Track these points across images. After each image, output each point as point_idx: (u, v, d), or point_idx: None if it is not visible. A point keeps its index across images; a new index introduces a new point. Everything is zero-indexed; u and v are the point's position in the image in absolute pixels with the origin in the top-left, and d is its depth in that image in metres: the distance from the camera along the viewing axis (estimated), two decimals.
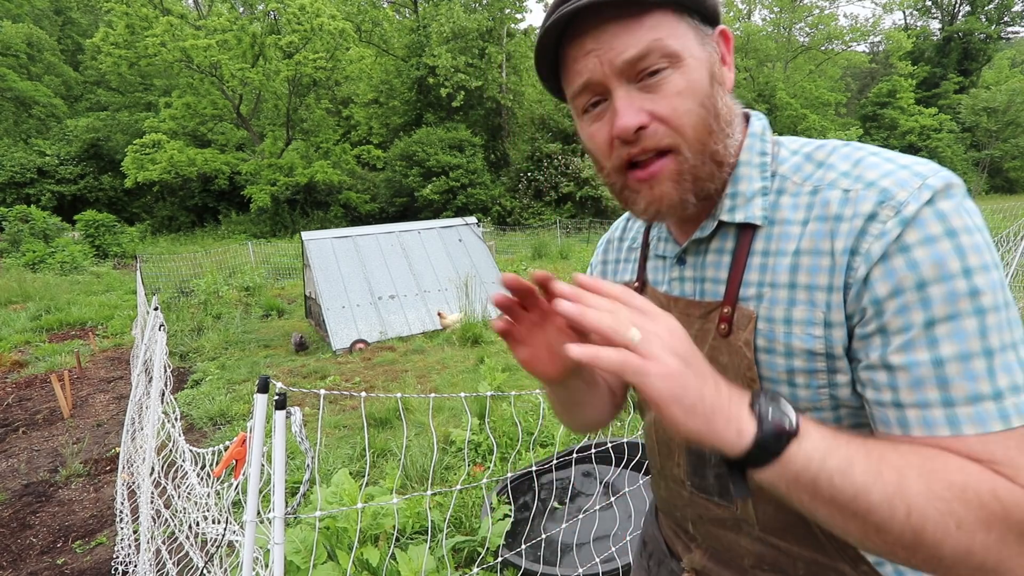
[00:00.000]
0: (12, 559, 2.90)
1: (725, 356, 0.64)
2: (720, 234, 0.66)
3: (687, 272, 0.71)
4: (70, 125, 28.09)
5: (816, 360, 0.57)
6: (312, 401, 4.87)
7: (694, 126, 0.58)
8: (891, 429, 0.52)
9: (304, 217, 26.66)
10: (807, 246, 0.57)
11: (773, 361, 0.60)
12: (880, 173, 0.55)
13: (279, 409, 1.27)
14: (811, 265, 0.57)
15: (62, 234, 18.28)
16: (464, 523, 2.70)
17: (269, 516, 1.26)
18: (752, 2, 34.51)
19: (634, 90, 0.59)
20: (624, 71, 0.58)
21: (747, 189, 0.63)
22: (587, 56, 0.59)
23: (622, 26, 0.58)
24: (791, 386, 0.60)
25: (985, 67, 37.24)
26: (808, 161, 0.62)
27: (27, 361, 6.86)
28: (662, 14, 0.58)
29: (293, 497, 2.29)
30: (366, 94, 29.30)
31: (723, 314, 0.64)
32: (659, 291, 0.76)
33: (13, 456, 4.16)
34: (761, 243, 0.62)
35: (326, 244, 7.59)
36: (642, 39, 0.57)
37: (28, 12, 30.83)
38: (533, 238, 17.90)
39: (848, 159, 0.58)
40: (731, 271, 0.64)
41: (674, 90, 0.58)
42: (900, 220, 0.51)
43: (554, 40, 0.61)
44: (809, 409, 0.59)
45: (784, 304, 0.59)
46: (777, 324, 0.59)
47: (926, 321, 0.49)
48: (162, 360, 2.57)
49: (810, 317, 0.57)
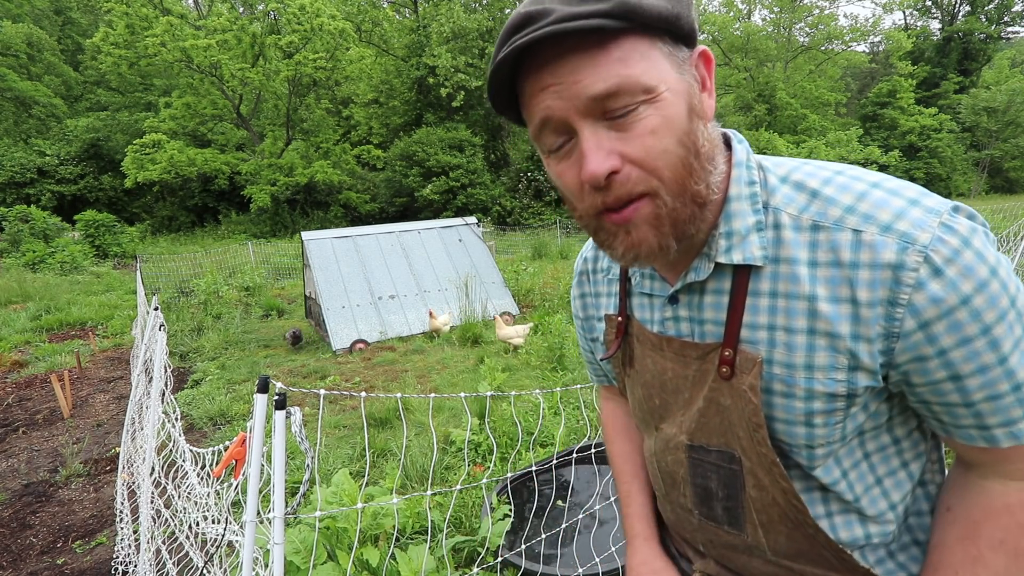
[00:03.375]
0: (12, 559, 2.90)
1: (727, 399, 0.63)
2: (716, 274, 0.63)
3: (681, 312, 0.67)
4: (70, 125, 28.08)
5: (836, 401, 0.57)
6: (312, 401, 4.87)
7: (672, 167, 0.53)
8: (977, 443, 0.57)
9: (304, 217, 26.66)
10: (824, 293, 0.55)
11: (791, 405, 0.59)
12: (892, 213, 0.52)
13: (279, 409, 1.27)
14: (831, 313, 0.55)
15: (62, 234, 18.28)
16: (464, 523, 2.70)
17: (269, 516, 1.26)
18: (752, 2, 34.50)
19: (602, 129, 0.52)
20: (590, 108, 0.52)
21: (741, 226, 0.59)
22: (544, 91, 0.53)
23: (585, 57, 0.51)
24: (808, 426, 0.59)
25: (985, 67, 37.23)
26: (800, 191, 0.58)
27: (27, 361, 6.86)
28: (631, 41, 0.51)
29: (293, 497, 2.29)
30: (366, 94, 29.29)
31: (724, 356, 0.62)
32: (650, 330, 0.72)
33: (13, 456, 4.16)
34: (767, 283, 0.59)
35: (326, 244, 7.58)
36: (610, 74, 0.50)
37: (28, 12, 30.83)
38: (533, 238, 17.90)
39: (847, 191, 0.56)
40: (730, 312, 0.61)
41: (647, 129, 0.52)
42: (932, 268, 0.50)
43: (508, 73, 0.55)
44: (823, 445, 0.60)
45: (803, 350, 0.57)
46: (797, 370, 0.58)
47: (999, 359, 0.52)
48: (162, 360, 2.57)
49: (832, 363, 0.56)
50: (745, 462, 0.64)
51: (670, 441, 0.73)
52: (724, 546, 0.73)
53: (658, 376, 0.72)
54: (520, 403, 4.20)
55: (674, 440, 0.72)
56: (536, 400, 4.16)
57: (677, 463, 0.73)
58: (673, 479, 0.75)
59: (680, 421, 0.71)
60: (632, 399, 0.81)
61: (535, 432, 2.83)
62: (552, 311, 7.34)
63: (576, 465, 2.94)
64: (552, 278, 10.03)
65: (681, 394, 0.69)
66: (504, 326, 6.05)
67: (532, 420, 3.80)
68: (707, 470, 0.69)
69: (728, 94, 30.93)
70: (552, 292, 8.76)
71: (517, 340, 5.96)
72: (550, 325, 6.00)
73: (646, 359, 0.74)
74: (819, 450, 0.60)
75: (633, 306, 0.75)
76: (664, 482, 0.78)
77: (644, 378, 0.75)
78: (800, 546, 0.65)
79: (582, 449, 2.96)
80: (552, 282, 9.64)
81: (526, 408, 4.11)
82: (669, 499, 0.79)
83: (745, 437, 0.63)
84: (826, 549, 0.63)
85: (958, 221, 0.52)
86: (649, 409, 0.76)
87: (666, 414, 0.73)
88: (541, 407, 3.05)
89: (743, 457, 0.64)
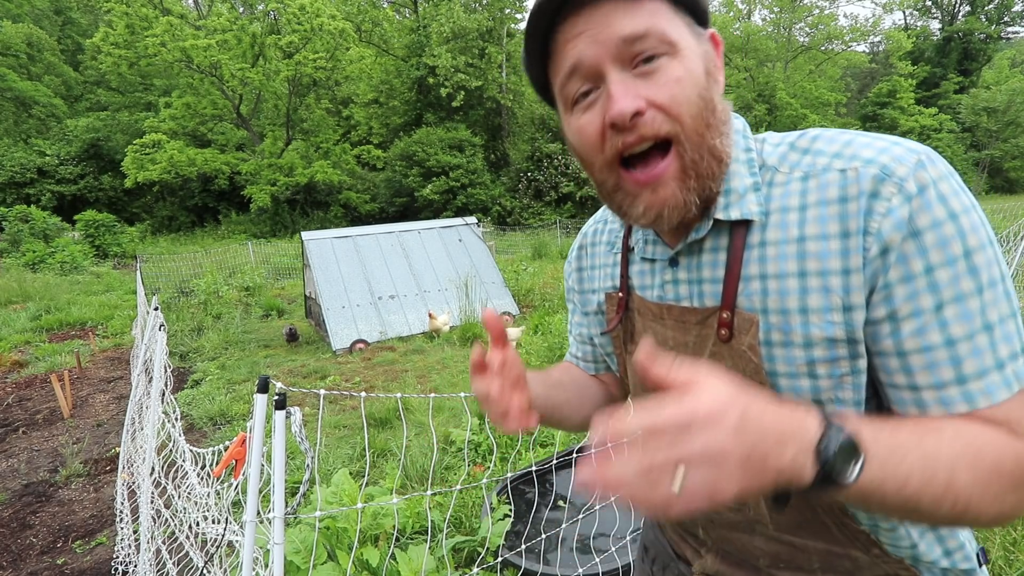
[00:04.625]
0: (12, 559, 2.90)
1: (728, 360, 0.62)
2: (714, 233, 0.63)
3: (681, 274, 0.67)
4: (70, 125, 28.10)
5: (837, 347, 0.56)
6: (312, 401, 4.87)
7: (693, 116, 0.55)
8: (907, 410, 0.54)
9: (304, 217, 26.67)
10: (813, 231, 0.56)
11: (791, 354, 0.58)
12: (875, 150, 0.54)
13: (279, 409, 1.27)
14: (820, 250, 0.55)
15: (62, 234, 18.29)
16: (464, 523, 2.70)
17: (269, 516, 1.26)
18: (752, 2, 34.51)
19: (629, 75, 0.56)
20: (619, 52, 0.55)
21: (739, 185, 0.61)
22: (578, 37, 0.56)
23: (619, 6, 0.55)
24: (812, 377, 0.58)
25: (985, 67, 37.24)
26: (792, 150, 0.61)
27: (27, 361, 6.86)
28: (659, 2, 0.56)
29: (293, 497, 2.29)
30: (366, 94, 29.31)
31: (722, 319, 0.62)
32: (648, 298, 0.73)
33: (13, 456, 4.16)
34: (757, 235, 0.60)
35: (326, 244, 7.58)
36: (640, 20, 0.55)
37: (28, 12, 30.85)
38: (533, 238, 17.90)
39: (835, 142, 0.58)
40: (727, 272, 0.61)
41: (672, 77, 0.55)
42: (904, 197, 0.51)
43: (545, 23, 0.58)
44: (831, 400, 0.58)
45: (796, 293, 0.57)
46: (792, 315, 0.57)
47: (936, 305, 0.51)
48: (162, 360, 2.57)
49: (826, 304, 0.55)
50: None
51: None
52: (725, 525, 0.72)
53: (660, 347, 0.71)
54: None
55: None
56: None
57: None
58: None
59: None
60: (632, 380, 0.80)
61: (535, 432, 2.83)
62: (552, 311, 7.34)
63: (576, 465, 2.93)
64: (552, 278, 10.03)
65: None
66: None
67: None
68: None
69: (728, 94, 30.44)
70: (552, 292, 8.76)
71: None
72: (550, 325, 6.00)
73: (647, 331, 0.74)
74: (828, 407, 0.58)
75: (633, 275, 0.76)
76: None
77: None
78: (802, 516, 0.64)
79: (582, 449, 2.96)
80: (552, 282, 9.64)
81: None
82: None
83: None
84: (827, 515, 0.62)
85: (936, 163, 0.53)
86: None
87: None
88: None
89: None
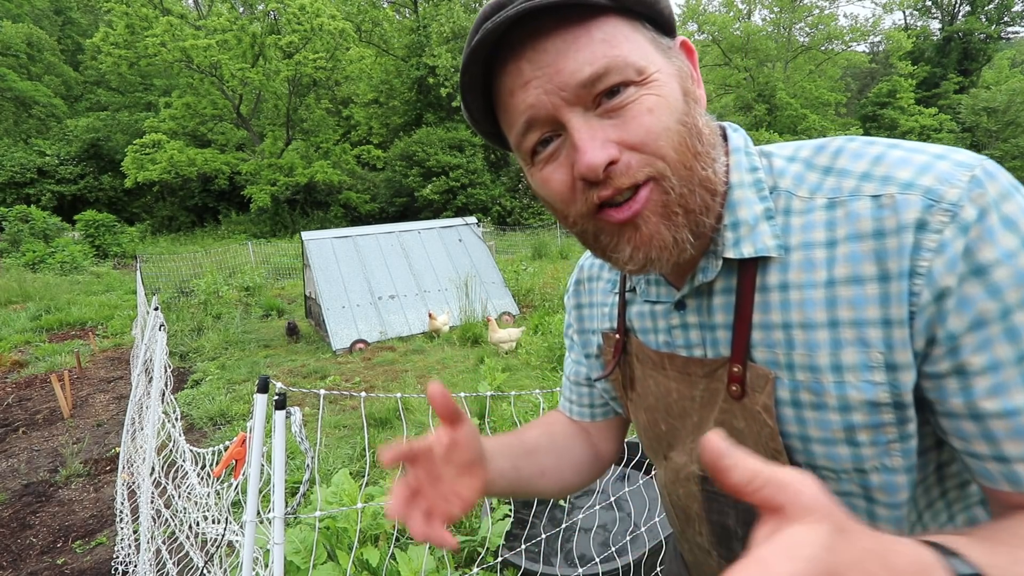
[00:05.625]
0: (12, 559, 2.90)
1: (740, 421, 0.55)
2: (725, 272, 0.54)
3: (690, 318, 0.58)
4: (70, 125, 28.10)
5: (881, 412, 0.47)
6: (312, 401, 4.87)
7: (676, 148, 0.47)
8: (998, 485, 0.45)
9: (304, 217, 26.67)
10: (843, 273, 0.46)
11: (825, 419, 0.49)
12: (914, 169, 0.44)
13: (279, 409, 1.27)
14: (854, 297, 0.46)
15: (62, 234, 18.29)
16: (464, 523, 2.70)
17: (269, 516, 1.26)
18: (752, 2, 34.50)
19: (593, 118, 0.47)
20: (579, 97, 0.46)
21: (748, 215, 0.52)
22: (526, 88, 0.47)
23: (567, 40, 0.46)
24: (852, 445, 0.49)
25: (985, 67, 37.23)
26: (810, 169, 0.51)
27: (27, 361, 6.86)
28: (613, 22, 0.47)
29: (293, 497, 2.29)
30: (366, 94, 29.31)
31: (732, 373, 0.54)
32: (650, 344, 0.64)
33: (13, 456, 4.16)
34: (775, 276, 0.51)
35: (326, 244, 7.59)
36: (597, 55, 0.45)
37: (28, 12, 30.84)
38: (533, 238, 17.91)
39: (862, 158, 0.48)
40: (736, 318, 0.53)
41: (644, 108, 0.46)
42: (960, 227, 0.41)
43: (482, 72, 0.49)
44: (875, 469, 0.49)
45: (827, 348, 0.48)
46: (824, 373, 0.48)
47: (1018, 356, 0.41)
48: (162, 360, 2.58)
49: (865, 360, 0.46)
50: None
51: (680, 472, 0.65)
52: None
53: (662, 399, 0.64)
54: (520, 403, 4.19)
55: (684, 470, 0.64)
56: (536, 400, 4.15)
57: (690, 496, 0.65)
58: (687, 514, 0.67)
59: (690, 448, 0.62)
60: (637, 426, 0.73)
61: None
62: (552, 311, 7.34)
63: None
64: (552, 278, 10.03)
65: (689, 418, 0.61)
66: (497, 329, 6.03)
67: (532, 420, 3.80)
68: (723, 505, 0.61)
69: (728, 94, 30.95)
70: (552, 292, 8.76)
71: (506, 346, 5.93)
72: (550, 325, 6.00)
73: (647, 380, 0.66)
74: (873, 476, 0.50)
75: (632, 317, 0.67)
76: (678, 518, 0.70)
77: (647, 402, 0.67)
78: None
79: None
80: (552, 282, 9.64)
81: (526, 408, 4.11)
82: (685, 537, 0.71)
83: None
84: None
85: (996, 178, 0.43)
86: (655, 436, 0.68)
87: (674, 441, 0.65)
88: (541, 407, 3.05)
89: None
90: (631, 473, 2.88)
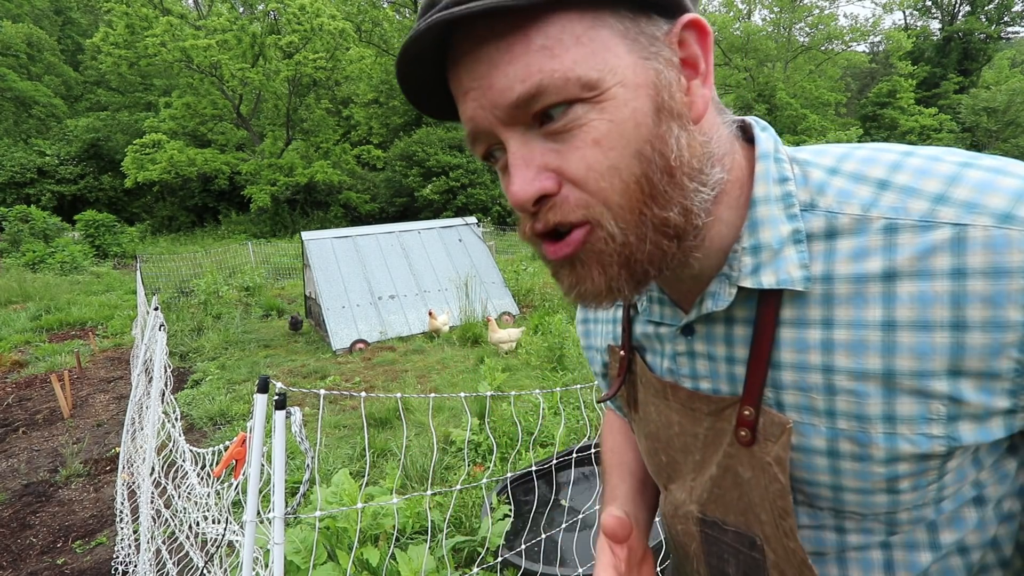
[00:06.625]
0: (12, 559, 2.90)
1: (747, 470, 0.49)
2: (743, 301, 0.47)
3: (698, 346, 0.51)
4: (70, 125, 28.11)
5: (929, 461, 0.42)
6: (312, 401, 4.88)
7: (623, 190, 0.39)
8: None
9: (304, 217, 26.68)
10: (907, 316, 0.40)
11: (867, 471, 0.44)
12: (1010, 196, 0.37)
13: (279, 409, 1.27)
14: (918, 345, 0.39)
15: (62, 234, 18.30)
16: (464, 523, 2.70)
17: (269, 516, 1.26)
18: (752, 2, 34.51)
19: (535, 139, 0.40)
20: (513, 117, 0.40)
21: (772, 237, 0.44)
22: (466, 96, 0.41)
23: (500, 48, 0.38)
24: (891, 493, 0.44)
25: (985, 67, 37.23)
26: (860, 183, 0.43)
27: (27, 361, 6.87)
28: (562, 21, 0.38)
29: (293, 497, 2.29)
30: (366, 94, 29.31)
31: (743, 416, 0.48)
32: (655, 368, 0.58)
33: (13, 456, 4.16)
34: (817, 310, 0.43)
35: (326, 244, 7.59)
36: (530, 70, 0.38)
37: (28, 12, 30.85)
38: None
39: (931, 175, 0.40)
40: (752, 355, 0.46)
41: (589, 139, 0.39)
42: None
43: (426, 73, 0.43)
44: (908, 510, 0.45)
45: (880, 397, 0.41)
46: (873, 423, 0.42)
47: None
48: (162, 360, 2.58)
49: (923, 413, 0.40)
50: (769, 553, 0.50)
51: (679, 508, 0.60)
52: None
53: (664, 429, 0.58)
54: (520, 403, 4.19)
55: (683, 508, 0.59)
56: (536, 400, 4.16)
57: (688, 535, 0.60)
58: (685, 551, 0.63)
59: (690, 487, 0.57)
60: (640, 449, 0.68)
61: (535, 432, 2.83)
62: (552, 311, 7.34)
63: (576, 465, 2.94)
64: (552, 278, 10.03)
65: (691, 455, 0.56)
66: (497, 329, 6.04)
67: (532, 420, 3.80)
68: (723, 551, 0.56)
69: (728, 94, 30.94)
70: (552, 292, 8.76)
71: (506, 346, 5.93)
72: (550, 325, 6.00)
73: (649, 407, 0.60)
74: (903, 514, 0.46)
75: (638, 336, 0.60)
76: (677, 552, 0.66)
77: (648, 428, 0.62)
78: None
79: (582, 449, 2.96)
80: (552, 282, 9.62)
81: (526, 408, 4.11)
82: (682, 573, 0.67)
83: (769, 523, 0.49)
84: None
85: None
86: (656, 465, 0.63)
87: (674, 475, 0.60)
88: (541, 407, 3.06)
89: (766, 546, 0.50)
90: None
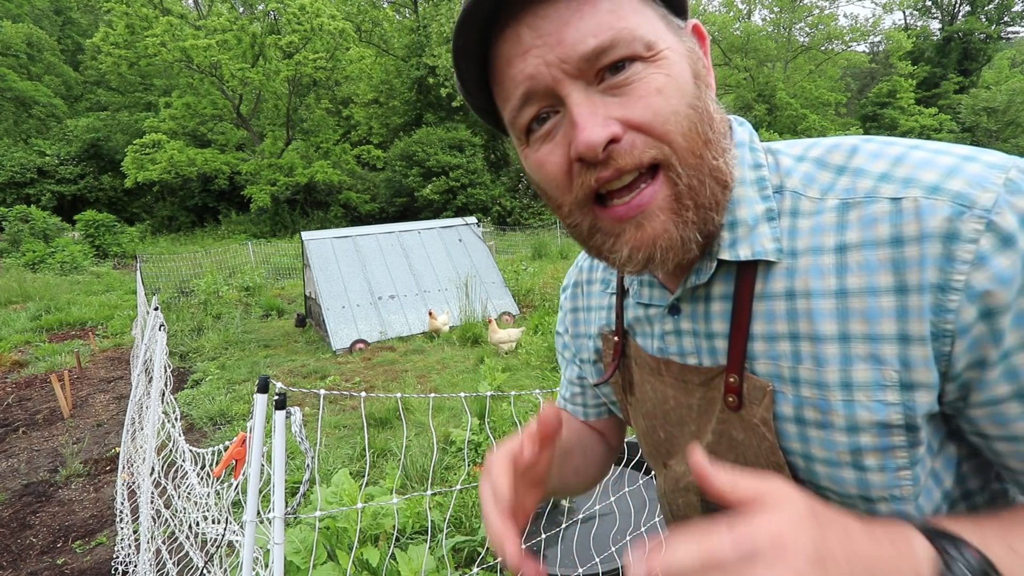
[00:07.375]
0: (12, 559, 2.90)
1: (740, 432, 0.52)
2: (722, 275, 0.51)
3: (684, 324, 0.55)
4: (70, 125, 28.12)
5: (891, 434, 0.44)
6: (312, 401, 4.87)
7: (685, 133, 0.43)
8: None
9: (304, 217, 26.68)
10: (856, 284, 0.43)
11: (830, 439, 0.46)
12: (940, 171, 0.41)
13: (279, 409, 1.27)
14: (867, 309, 0.42)
15: (62, 234, 18.31)
16: (464, 523, 2.70)
17: (269, 516, 1.26)
18: (752, 2, 34.51)
19: (595, 93, 0.43)
20: (581, 70, 0.43)
21: (748, 215, 0.48)
22: (525, 56, 0.43)
23: (571, 7, 0.42)
24: (857, 469, 0.46)
25: (985, 67, 37.24)
26: (821, 168, 0.47)
27: (27, 361, 6.87)
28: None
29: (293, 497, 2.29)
30: (366, 94, 29.31)
31: (729, 383, 0.51)
32: (647, 349, 0.61)
33: (13, 456, 4.16)
34: (781, 282, 0.47)
35: (326, 244, 7.59)
36: (603, 25, 0.42)
37: (28, 12, 30.86)
38: (533, 238, 17.93)
39: (881, 157, 0.44)
40: (733, 326, 0.50)
41: (652, 88, 0.42)
42: (999, 238, 0.38)
43: (478, 38, 0.45)
44: (884, 499, 0.46)
45: (837, 363, 0.44)
46: (832, 390, 0.45)
47: None
48: (162, 360, 2.58)
49: (877, 379, 0.43)
50: None
51: (679, 480, 0.63)
52: None
53: (660, 405, 0.62)
54: (520, 403, 4.19)
55: (684, 479, 0.62)
56: (536, 400, 4.15)
57: (689, 506, 0.62)
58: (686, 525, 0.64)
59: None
60: (637, 431, 0.72)
61: None
62: (552, 311, 7.34)
63: None
64: (552, 278, 10.03)
65: (687, 426, 0.59)
66: (497, 329, 6.04)
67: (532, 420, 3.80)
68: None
69: (728, 94, 30.93)
70: (552, 292, 8.77)
71: (506, 346, 5.93)
72: (550, 325, 6.00)
73: (645, 385, 0.63)
74: (881, 505, 0.47)
75: (629, 318, 0.64)
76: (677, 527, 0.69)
77: (645, 407, 0.65)
78: None
79: None
80: (552, 282, 9.64)
81: (526, 408, 4.11)
82: None
83: None
84: None
85: None
86: (654, 443, 0.66)
87: (673, 449, 0.63)
88: (541, 407, 3.05)
89: None
90: (631, 473, 2.88)
